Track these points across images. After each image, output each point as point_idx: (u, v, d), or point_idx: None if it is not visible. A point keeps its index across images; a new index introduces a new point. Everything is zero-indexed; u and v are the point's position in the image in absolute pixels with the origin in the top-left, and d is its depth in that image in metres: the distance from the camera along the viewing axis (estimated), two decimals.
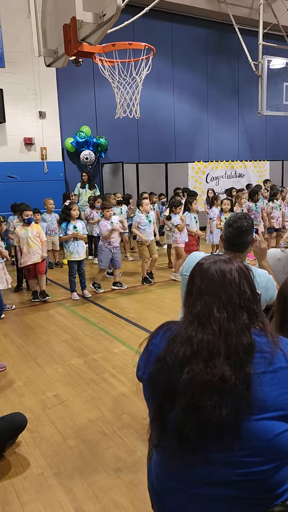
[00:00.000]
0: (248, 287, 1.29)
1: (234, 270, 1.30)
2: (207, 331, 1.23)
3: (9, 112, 9.19)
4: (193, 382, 1.19)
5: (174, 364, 1.23)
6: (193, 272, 1.36)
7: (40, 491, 2.37)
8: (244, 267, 1.33)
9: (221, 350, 1.20)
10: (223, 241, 2.38)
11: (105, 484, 2.40)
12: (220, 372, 1.17)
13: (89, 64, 8.82)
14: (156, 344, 1.34)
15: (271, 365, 1.21)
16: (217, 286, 1.28)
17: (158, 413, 1.27)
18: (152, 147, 12.07)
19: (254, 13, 12.03)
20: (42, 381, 3.68)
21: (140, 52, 6.31)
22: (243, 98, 13.86)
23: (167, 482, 1.33)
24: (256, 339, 1.24)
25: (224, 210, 7.19)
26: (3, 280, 5.29)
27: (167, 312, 5.34)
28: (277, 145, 14.91)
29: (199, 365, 1.20)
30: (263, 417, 1.17)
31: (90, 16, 3.48)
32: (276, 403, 1.18)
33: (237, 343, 1.20)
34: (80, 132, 10.58)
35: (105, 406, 3.22)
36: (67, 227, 6.02)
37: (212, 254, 1.42)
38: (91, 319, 5.27)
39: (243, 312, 1.25)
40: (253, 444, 1.18)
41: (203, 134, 13.33)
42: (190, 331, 1.26)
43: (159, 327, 1.41)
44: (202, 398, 1.17)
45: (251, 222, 2.34)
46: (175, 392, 1.22)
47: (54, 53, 4.43)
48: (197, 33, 12.62)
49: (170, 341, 1.29)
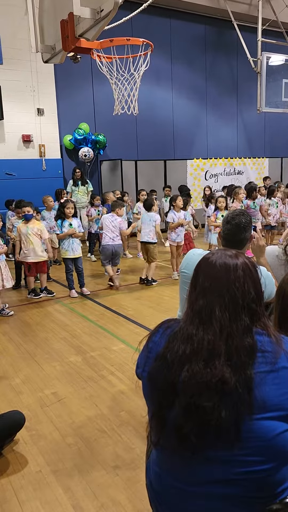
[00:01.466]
0: (252, 287, 1.26)
1: (240, 268, 1.26)
2: (208, 330, 1.21)
3: (7, 109, 9.15)
4: (192, 382, 1.18)
5: (174, 362, 1.22)
6: (198, 267, 1.34)
7: (38, 489, 2.36)
8: (251, 265, 1.30)
9: (222, 351, 1.18)
10: (221, 238, 2.37)
11: (104, 481, 2.39)
12: (219, 373, 1.16)
13: (87, 61, 8.81)
14: (156, 342, 1.33)
15: (273, 365, 1.19)
16: (220, 284, 1.25)
17: (158, 411, 1.26)
18: (150, 144, 12.04)
19: (253, 9, 11.99)
20: (40, 379, 3.67)
21: (138, 48, 6.30)
22: (242, 95, 13.82)
23: (166, 480, 1.32)
24: (258, 338, 1.22)
25: (219, 208, 7.14)
26: (8, 278, 5.42)
27: (165, 310, 5.33)
28: (276, 142, 14.89)
29: (198, 364, 1.19)
30: (263, 417, 1.16)
31: (88, 12, 3.46)
32: (277, 403, 1.17)
33: (238, 345, 1.19)
34: (78, 129, 10.54)
35: (104, 404, 3.22)
36: (63, 224, 6.02)
37: (219, 249, 1.38)
38: (89, 317, 5.26)
39: (246, 313, 1.23)
40: (253, 443, 1.17)
41: (202, 131, 13.30)
42: (190, 329, 1.24)
43: (159, 324, 1.39)
44: (201, 398, 1.16)
45: (249, 219, 2.33)
46: (175, 390, 1.21)
47: (51, 49, 4.41)
48: (195, 29, 12.57)
49: (170, 338, 1.28)
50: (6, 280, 5.37)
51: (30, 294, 6.11)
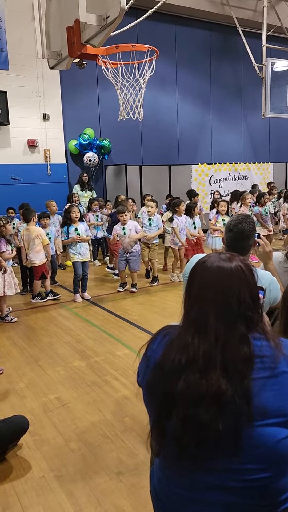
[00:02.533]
0: (248, 294, 1.22)
1: (235, 274, 1.22)
2: (204, 339, 1.19)
3: (13, 114, 9.22)
4: (189, 392, 1.16)
5: (170, 371, 1.21)
6: (192, 273, 1.30)
7: (41, 495, 2.35)
8: (247, 269, 1.26)
9: (218, 362, 1.16)
10: (225, 245, 2.37)
11: (107, 487, 2.38)
12: (216, 385, 1.13)
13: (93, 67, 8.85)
14: (155, 350, 1.31)
15: (272, 370, 1.17)
16: (215, 292, 1.22)
17: (157, 421, 1.25)
18: (155, 149, 12.07)
19: (258, 15, 12.03)
20: (44, 383, 3.67)
21: (143, 54, 6.33)
22: (247, 100, 13.85)
23: (168, 487, 1.32)
24: (256, 343, 1.20)
25: (220, 212, 7.13)
26: (11, 285, 5.27)
27: (169, 314, 5.32)
28: (280, 147, 14.89)
29: (195, 375, 1.16)
30: (263, 424, 1.14)
31: (94, 18, 3.49)
32: (277, 409, 1.15)
33: (234, 354, 1.16)
34: (83, 134, 10.60)
35: (107, 409, 3.21)
36: (69, 230, 6.03)
37: (214, 254, 1.35)
38: (93, 321, 5.26)
39: (241, 321, 1.20)
40: (254, 451, 1.15)
41: (207, 136, 13.33)
42: (186, 338, 1.22)
43: (157, 332, 1.38)
44: (198, 410, 1.14)
45: (252, 226, 2.30)
46: (172, 400, 1.19)
47: (57, 55, 4.45)
48: (200, 35, 12.64)
49: (167, 347, 1.26)
50: (8, 287, 5.20)
51: (36, 298, 6.11)
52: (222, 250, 2.52)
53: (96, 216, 8.38)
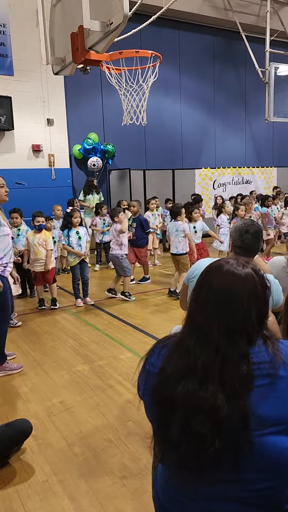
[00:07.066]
0: (255, 311, 1.17)
1: (246, 288, 1.18)
2: (204, 350, 1.17)
3: (18, 120, 9.28)
4: (187, 399, 1.15)
5: (172, 375, 1.20)
6: (202, 277, 1.27)
7: (45, 499, 2.35)
8: (260, 283, 1.20)
9: (216, 376, 1.14)
10: (237, 248, 2.41)
11: (110, 492, 2.38)
12: (212, 398, 1.12)
13: (97, 72, 8.90)
14: (153, 363, 1.30)
15: (270, 377, 1.14)
16: (222, 304, 1.18)
17: (158, 428, 1.24)
18: (159, 153, 12.11)
19: (261, 20, 12.08)
20: (48, 388, 3.67)
21: (147, 60, 6.37)
22: (250, 105, 13.88)
23: (171, 493, 1.32)
24: (254, 350, 1.17)
25: (239, 216, 7.15)
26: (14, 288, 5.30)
27: (173, 319, 5.32)
28: (284, 151, 14.89)
29: (193, 384, 1.15)
30: (263, 433, 1.12)
31: (98, 25, 3.52)
32: (277, 417, 1.12)
33: (232, 372, 1.13)
34: (87, 139, 10.65)
35: (111, 413, 3.20)
36: (69, 233, 6.04)
37: (226, 258, 1.28)
38: (97, 325, 5.26)
39: (244, 338, 1.16)
40: (255, 461, 1.13)
41: (210, 140, 13.35)
42: (188, 344, 1.21)
43: (154, 345, 1.36)
44: (195, 420, 1.13)
45: (261, 228, 2.50)
46: (172, 404, 1.18)
47: (61, 61, 4.49)
48: (204, 40, 12.69)
49: (170, 350, 1.25)
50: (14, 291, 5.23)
51: (40, 306, 6.06)
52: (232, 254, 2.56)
53: (103, 221, 8.37)
